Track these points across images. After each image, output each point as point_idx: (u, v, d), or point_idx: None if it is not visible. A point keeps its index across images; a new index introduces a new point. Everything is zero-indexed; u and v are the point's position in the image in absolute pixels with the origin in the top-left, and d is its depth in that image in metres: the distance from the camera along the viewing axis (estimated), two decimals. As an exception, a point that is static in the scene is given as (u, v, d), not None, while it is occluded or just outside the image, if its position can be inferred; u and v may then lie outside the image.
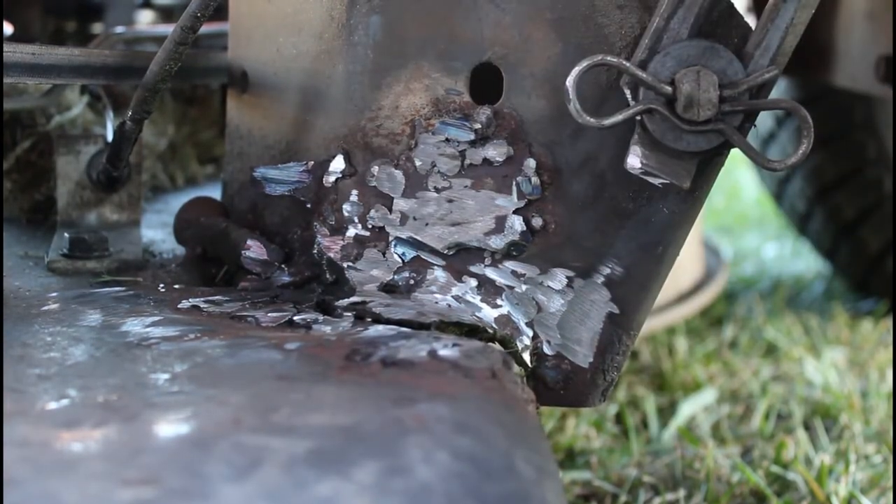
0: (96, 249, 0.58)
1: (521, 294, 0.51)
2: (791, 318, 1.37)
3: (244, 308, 0.49)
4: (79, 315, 0.48)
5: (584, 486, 0.88)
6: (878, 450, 0.95)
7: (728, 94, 0.48)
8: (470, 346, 0.43)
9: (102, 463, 0.32)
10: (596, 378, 0.51)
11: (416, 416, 0.35)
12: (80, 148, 0.65)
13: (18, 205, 0.70)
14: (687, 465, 0.91)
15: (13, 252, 0.60)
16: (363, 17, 0.51)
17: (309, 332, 0.46)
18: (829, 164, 1.41)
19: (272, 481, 0.31)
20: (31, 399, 0.37)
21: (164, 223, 0.69)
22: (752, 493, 0.87)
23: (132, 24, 0.89)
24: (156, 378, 0.40)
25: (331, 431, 0.34)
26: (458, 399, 0.38)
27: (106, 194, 0.65)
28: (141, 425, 0.35)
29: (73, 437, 0.34)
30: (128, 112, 0.56)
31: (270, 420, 0.35)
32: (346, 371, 0.41)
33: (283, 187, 0.54)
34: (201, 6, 0.52)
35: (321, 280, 0.53)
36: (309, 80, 0.54)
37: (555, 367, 0.50)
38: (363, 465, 0.32)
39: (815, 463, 0.92)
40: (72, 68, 0.56)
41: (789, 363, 1.21)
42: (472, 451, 0.34)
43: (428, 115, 0.51)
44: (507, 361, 0.44)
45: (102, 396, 0.37)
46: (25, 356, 0.42)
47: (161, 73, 0.54)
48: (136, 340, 0.44)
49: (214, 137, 0.87)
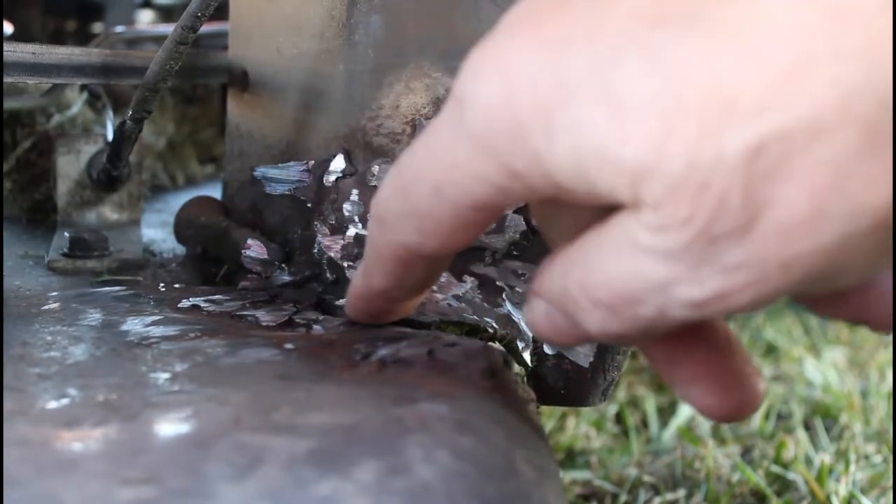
0: (96, 249, 0.58)
1: (521, 293, 0.51)
2: (791, 318, 1.37)
3: (244, 307, 0.49)
4: (79, 314, 0.48)
5: (585, 485, 0.88)
6: (879, 450, 0.95)
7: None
8: (470, 346, 0.43)
9: (102, 462, 0.32)
10: (596, 377, 0.51)
11: (417, 416, 0.35)
12: (81, 147, 0.65)
13: (18, 204, 0.70)
14: (687, 465, 0.91)
15: (13, 251, 0.60)
16: (364, 17, 0.51)
17: (309, 331, 0.46)
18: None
19: (273, 480, 0.31)
20: (32, 398, 0.37)
21: (165, 222, 0.69)
22: (752, 493, 0.87)
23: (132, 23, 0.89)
24: (156, 377, 0.39)
25: (331, 430, 0.34)
26: (459, 398, 0.38)
27: (106, 194, 0.65)
28: (141, 424, 0.35)
29: (74, 437, 0.34)
30: (128, 111, 0.56)
31: (271, 419, 0.35)
32: (347, 370, 0.41)
33: (284, 186, 0.54)
34: (202, 6, 0.52)
35: (321, 279, 0.53)
36: (309, 79, 0.54)
37: (555, 366, 0.50)
38: (364, 465, 0.32)
39: (815, 463, 0.92)
40: (72, 68, 0.56)
41: (789, 363, 1.21)
42: (473, 450, 0.34)
43: (429, 115, 0.51)
44: (508, 361, 0.44)
45: (103, 395, 0.37)
46: (25, 355, 0.42)
47: (161, 73, 0.54)
48: (137, 339, 0.44)
49: (214, 137, 0.87)
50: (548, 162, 0.31)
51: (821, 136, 0.27)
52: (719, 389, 0.36)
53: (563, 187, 0.31)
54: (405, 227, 0.36)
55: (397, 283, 0.40)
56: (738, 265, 0.29)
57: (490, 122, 0.32)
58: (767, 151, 0.28)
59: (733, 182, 0.28)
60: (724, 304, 0.30)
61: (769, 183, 0.28)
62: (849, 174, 0.28)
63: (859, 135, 0.27)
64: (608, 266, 0.31)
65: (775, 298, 0.30)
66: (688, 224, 0.29)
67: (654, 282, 0.30)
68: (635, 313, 0.31)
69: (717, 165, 0.28)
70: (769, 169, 0.28)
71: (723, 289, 0.30)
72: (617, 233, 0.31)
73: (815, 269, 0.29)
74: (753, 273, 0.29)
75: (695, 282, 0.30)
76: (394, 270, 0.39)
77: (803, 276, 0.29)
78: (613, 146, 0.29)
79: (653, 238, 0.30)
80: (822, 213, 0.28)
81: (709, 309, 0.30)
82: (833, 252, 0.29)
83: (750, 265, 0.29)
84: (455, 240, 0.36)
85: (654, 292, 0.31)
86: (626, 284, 0.31)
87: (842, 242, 0.28)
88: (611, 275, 0.31)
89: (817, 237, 0.28)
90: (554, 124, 0.30)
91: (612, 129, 0.29)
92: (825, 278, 0.30)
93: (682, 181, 0.28)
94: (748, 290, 0.29)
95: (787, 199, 0.28)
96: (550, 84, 0.30)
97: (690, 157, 0.28)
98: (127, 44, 0.76)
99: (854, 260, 0.29)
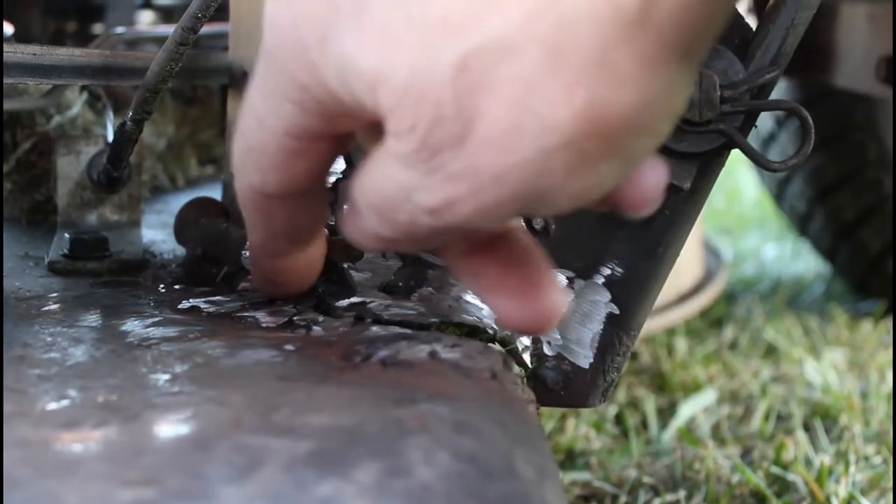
0: (96, 250, 0.57)
1: (521, 295, 0.51)
2: (791, 319, 1.37)
3: (244, 308, 0.49)
4: (79, 315, 0.48)
5: (584, 486, 0.88)
6: (878, 451, 0.95)
7: (729, 95, 0.48)
8: (470, 347, 0.43)
9: (103, 463, 0.32)
10: (596, 379, 0.51)
11: (417, 417, 0.35)
12: (81, 148, 0.65)
13: (19, 205, 0.70)
14: (687, 466, 0.91)
15: (13, 252, 0.60)
16: (364, 18, 0.51)
17: (309, 332, 0.46)
18: (830, 165, 1.40)
19: (273, 482, 0.31)
20: (32, 399, 0.37)
21: (165, 224, 0.69)
22: (751, 494, 0.87)
23: (133, 24, 0.89)
24: (156, 378, 0.40)
25: (331, 432, 0.34)
26: (459, 399, 0.38)
27: (106, 195, 0.65)
28: (141, 426, 0.35)
29: (74, 438, 0.34)
30: (128, 112, 0.56)
31: (271, 420, 0.35)
32: (347, 371, 0.41)
33: (284, 188, 0.54)
34: (202, 7, 0.52)
35: (321, 280, 0.53)
36: (309, 80, 0.53)
37: (555, 367, 0.50)
38: (364, 466, 0.32)
39: (814, 464, 0.92)
40: (73, 69, 0.56)
41: (789, 364, 1.21)
42: (473, 451, 0.34)
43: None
44: (508, 362, 0.44)
45: (103, 397, 0.37)
46: (26, 356, 0.42)
47: (162, 74, 0.54)
48: (137, 341, 0.44)
49: (215, 138, 0.87)
50: (322, 73, 0.34)
51: (510, 54, 0.30)
52: (516, 297, 0.39)
53: (339, 99, 0.34)
54: (247, 166, 0.40)
55: (267, 232, 0.43)
56: (457, 174, 0.32)
57: (279, 41, 0.36)
58: (470, 66, 0.31)
59: (445, 94, 0.31)
60: (455, 213, 0.33)
61: (475, 97, 0.31)
62: (534, 91, 0.30)
63: (541, 54, 0.30)
64: (374, 173, 0.35)
65: (499, 212, 0.33)
66: (413, 132, 0.32)
67: (400, 187, 0.34)
68: (395, 218, 0.35)
69: (433, 77, 0.31)
70: (473, 83, 0.31)
71: (449, 196, 0.33)
72: (383, 147, 0.34)
73: (524, 184, 0.32)
74: (471, 183, 0.32)
75: (428, 189, 0.33)
76: (257, 219, 0.42)
77: (515, 189, 0.32)
78: (357, 57, 0.32)
79: (394, 144, 0.33)
80: (518, 128, 0.31)
81: (445, 217, 0.33)
82: (536, 166, 0.31)
83: (467, 175, 0.32)
84: (290, 174, 0.39)
85: (402, 199, 0.34)
86: (382, 189, 0.35)
87: (541, 158, 0.31)
88: (374, 180, 0.35)
89: (519, 151, 0.31)
90: (325, 38, 0.34)
91: (358, 42, 0.32)
92: (537, 195, 0.32)
93: (406, 90, 0.32)
94: (470, 200, 0.32)
95: (490, 113, 0.31)
96: (323, 4, 0.34)
97: (412, 68, 0.31)
98: (127, 45, 0.76)
99: (557, 177, 0.32)
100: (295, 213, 0.42)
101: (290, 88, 0.36)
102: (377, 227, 0.36)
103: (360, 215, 0.37)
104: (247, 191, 0.41)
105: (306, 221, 0.43)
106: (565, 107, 0.30)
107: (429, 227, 0.34)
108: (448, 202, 0.33)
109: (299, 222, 0.42)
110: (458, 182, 0.32)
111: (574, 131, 0.30)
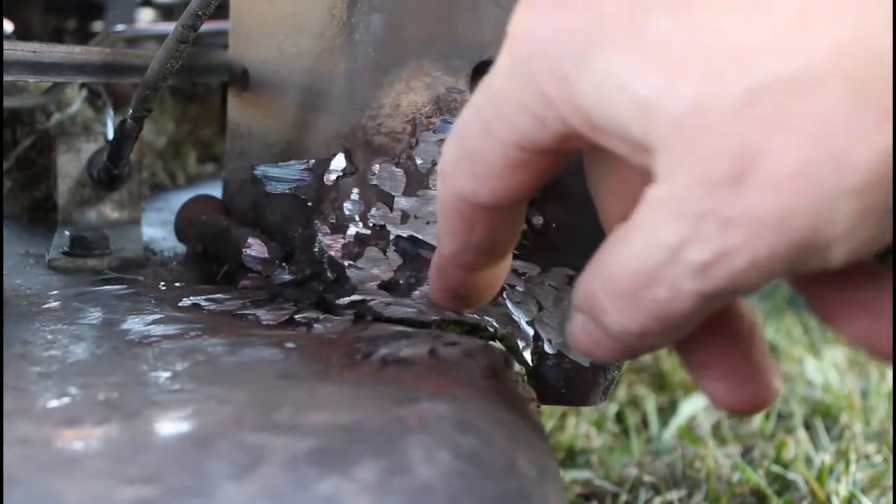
0: (97, 247, 0.57)
1: (522, 292, 0.51)
2: (791, 318, 1.37)
3: (245, 306, 0.49)
4: (80, 313, 0.48)
5: (585, 485, 0.88)
6: (879, 449, 0.95)
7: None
8: (471, 345, 0.43)
9: (103, 461, 0.32)
10: (597, 377, 0.51)
11: (418, 415, 0.35)
12: (81, 146, 0.65)
13: (19, 203, 0.70)
14: (687, 465, 0.91)
15: (14, 250, 0.60)
16: (364, 16, 0.51)
17: (310, 330, 0.46)
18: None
19: (274, 480, 0.31)
20: (32, 397, 0.37)
21: (165, 221, 0.69)
22: (752, 493, 0.87)
23: (133, 22, 0.89)
24: (157, 376, 0.39)
25: (332, 430, 0.34)
26: (460, 398, 0.38)
27: (106, 192, 0.65)
28: (142, 423, 0.35)
29: (74, 435, 0.34)
30: (128, 110, 0.56)
31: (272, 418, 0.35)
32: (348, 369, 0.41)
33: (284, 185, 0.54)
34: (202, 4, 0.52)
35: (322, 278, 0.53)
36: (310, 78, 0.53)
37: (556, 365, 0.50)
38: (364, 464, 0.32)
39: (815, 462, 0.92)
40: (73, 66, 0.56)
41: (789, 363, 1.21)
42: (474, 449, 0.34)
43: (429, 114, 0.51)
44: (509, 360, 0.44)
45: (103, 394, 0.37)
46: (26, 354, 0.42)
47: (162, 72, 0.54)
48: (138, 338, 0.44)
49: (215, 135, 0.87)
50: (576, 87, 0.32)
51: (811, 89, 0.28)
52: (735, 379, 0.37)
53: (590, 118, 0.32)
54: (460, 172, 0.37)
55: (462, 243, 0.40)
56: (733, 220, 0.30)
57: (533, 52, 0.34)
58: (762, 99, 0.29)
59: (730, 126, 0.29)
60: (728, 268, 0.30)
61: (762, 132, 0.29)
62: (834, 128, 0.28)
63: (847, 90, 0.28)
64: (625, 251, 0.32)
65: (771, 267, 0.30)
66: (686, 167, 0.30)
67: (664, 246, 0.31)
68: (653, 296, 0.32)
69: (717, 108, 0.29)
70: (763, 117, 0.29)
71: (725, 246, 0.30)
72: (636, 216, 0.32)
73: (805, 232, 0.29)
74: (748, 230, 0.30)
75: (700, 240, 0.30)
76: (456, 227, 0.39)
77: (793, 238, 0.29)
78: (631, 75, 0.30)
79: (662, 189, 0.31)
80: (809, 168, 0.29)
81: (716, 275, 0.31)
82: (822, 211, 0.29)
83: (744, 220, 0.30)
84: (506, 186, 0.37)
85: (666, 263, 0.31)
86: (640, 262, 0.32)
87: (829, 203, 0.29)
88: (627, 258, 0.32)
89: (806, 194, 0.29)
90: (587, 53, 0.32)
91: (634, 64, 0.30)
92: (815, 246, 0.30)
93: (685, 120, 0.30)
94: (745, 251, 0.30)
95: (777, 150, 0.29)
96: (587, 17, 0.32)
97: (696, 97, 0.29)
98: (127, 42, 0.76)
99: (840, 226, 0.29)
100: (497, 226, 0.39)
101: (533, 101, 0.34)
102: (624, 321, 0.33)
103: (598, 316, 0.34)
104: (453, 197, 0.38)
105: (505, 235, 0.40)
106: (867, 148, 0.28)
107: (693, 295, 0.31)
108: (722, 254, 0.30)
109: (498, 235, 0.40)
110: (734, 229, 0.29)
111: (872, 174, 0.28)
